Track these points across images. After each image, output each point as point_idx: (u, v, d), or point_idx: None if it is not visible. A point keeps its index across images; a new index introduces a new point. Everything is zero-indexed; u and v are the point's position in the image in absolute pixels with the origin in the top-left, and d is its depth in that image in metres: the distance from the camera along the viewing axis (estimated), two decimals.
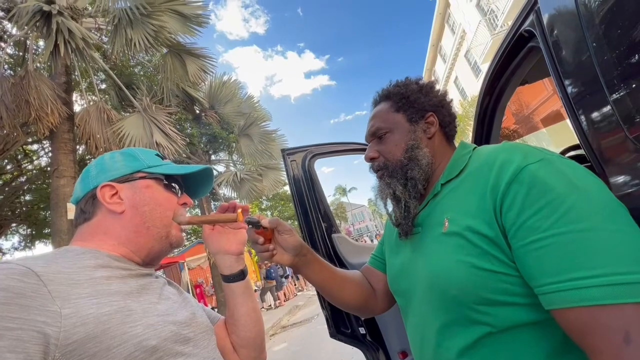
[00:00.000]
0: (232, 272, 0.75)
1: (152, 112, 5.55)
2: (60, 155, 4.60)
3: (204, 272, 11.56)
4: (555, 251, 0.44)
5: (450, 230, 0.57)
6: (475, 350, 0.53)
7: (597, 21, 0.70)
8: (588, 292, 0.41)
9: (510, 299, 0.50)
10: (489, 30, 14.19)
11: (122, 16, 4.72)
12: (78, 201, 0.64)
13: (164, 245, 0.65)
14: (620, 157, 0.75)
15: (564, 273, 0.43)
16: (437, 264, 0.58)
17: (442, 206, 0.64)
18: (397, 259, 0.76)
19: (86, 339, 0.45)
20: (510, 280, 0.50)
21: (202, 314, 0.71)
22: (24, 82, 4.37)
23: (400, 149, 0.71)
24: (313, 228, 1.56)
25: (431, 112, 0.73)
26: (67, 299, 0.46)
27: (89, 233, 0.61)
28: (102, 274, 0.54)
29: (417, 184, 0.68)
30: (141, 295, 0.56)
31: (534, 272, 0.46)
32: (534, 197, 0.48)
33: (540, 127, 11.40)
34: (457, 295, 0.54)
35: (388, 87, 0.79)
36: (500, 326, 0.51)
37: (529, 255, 0.47)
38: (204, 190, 0.79)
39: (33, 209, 8.21)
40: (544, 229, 0.46)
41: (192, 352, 0.57)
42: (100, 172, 0.64)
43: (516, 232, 0.48)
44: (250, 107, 8.52)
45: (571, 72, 0.81)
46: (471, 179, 0.60)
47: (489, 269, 0.51)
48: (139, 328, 0.50)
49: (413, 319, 0.67)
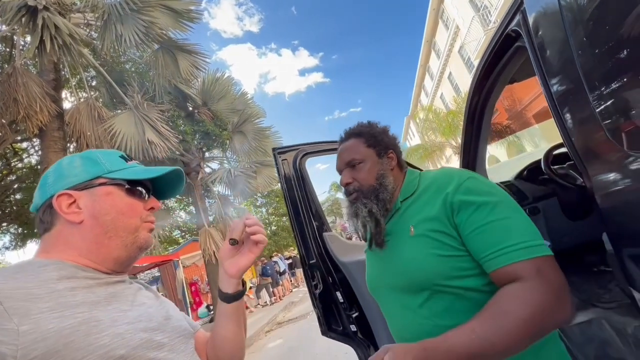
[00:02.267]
0: (223, 291, 0.73)
1: (143, 110, 5.49)
2: (50, 153, 4.53)
3: (199, 270, 11.52)
4: (489, 232, 0.69)
5: (417, 233, 0.78)
6: (448, 310, 0.74)
7: (580, 22, 0.71)
8: (513, 254, 0.66)
9: (465, 273, 0.73)
10: (482, 26, 14.23)
11: (112, 11, 4.64)
12: (37, 210, 0.61)
13: (131, 251, 0.62)
14: (601, 156, 0.76)
15: (496, 245, 0.68)
16: (414, 258, 0.77)
17: (405, 218, 0.84)
18: (372, 267, 0.94)
19: (47, 354, 0.44)
20: (463, 259, 0.73)
21: (180, 318, 0.70)
22: (11, 79, 4.28)
23: (373, 176, 0.89)
24: (304, 227, 1.57)
25: (391, 150, 0.94)
26: (26, 315, 0.45)
27: (50, 244, 0.58)
28: (66, 285, 0.52)
29: (385, 204, 0.87)
30: (110, 304, 0.55)
31: (480, 248, 0.70)
32: (471, 201, 0.73)
33: (533, 123, 11.43)
34: (431, 277, 0.74)
35: (358, 126, 0.97)
36: (460, 292, 0.73)
37: (474, 238, 0.71)
38: (175, 191, 0.75)
39: (24, 208, 8.08)
40: (481, 220, 0.70)
41: (167, 357, 0.57)
42: (57, 179, 0.61)
43: (464, 225, 0.72)
44: (243, 103, 8.44)
45: (555, 72, 0.82)
46: (424, 196, 0.82)
47: (449, 255, 0.73)
48: (106, 338, 0.49)
49: (391, 306, 0.84)
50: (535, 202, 1.66)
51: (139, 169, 0.67)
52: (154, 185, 0.71)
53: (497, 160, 14.55)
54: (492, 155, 14.82)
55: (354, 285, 1.50)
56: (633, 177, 0.68)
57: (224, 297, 0.72)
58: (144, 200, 0.67)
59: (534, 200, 1.67)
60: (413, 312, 0.78)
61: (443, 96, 22.48)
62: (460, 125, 13.09)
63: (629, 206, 0.72)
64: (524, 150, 13.16)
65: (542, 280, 0.63)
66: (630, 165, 0.67)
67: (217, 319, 0.74)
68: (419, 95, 28.58)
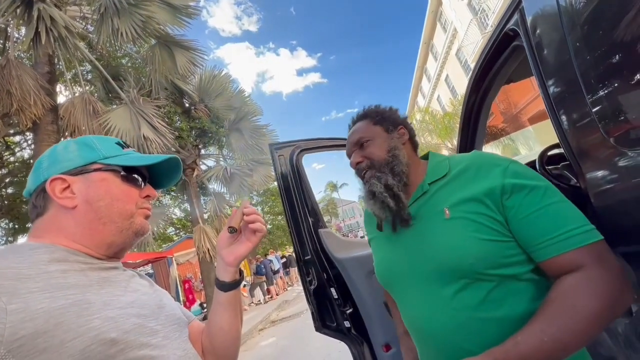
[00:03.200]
0: (220, 279, 0.73)
1: (139, 105, 5.44)
2: (43, 147, 4.47)
3: (192, 267, 11.46)
4: (545, 217, 0.65)
5: (454, 216, 0.71)
6: (484, 301, 0.67)
7: (578, 23, 0.71)
8: (571, 240, 0.62)
9: (508, 260, 0.67)
10: (479, 29, 14.33)
11: (109, 5, 4.59)
12: (30, 194, 0.60)
13: (126, 237, 0.62)
14: (597, 156, 0.77)
15: (554, 231, 0.63)
16: (451, 243, 0.70)
17: (435, 200, 0.77)
18: (388, 254, 0.85)
19: (35, 334, 0.43)
20: (508, 246, 0.67)
21: (175, 307, 0.70)
22: (4, 71, 4.22)
23: (384, 150, 0.84)
24: (300, 223, 1.57)
25: (402, 125, 0.90)
26: (14, 294, 0.44)
27: (42, 229, 0.58)
28: (58, 267, 0.51)
29: (402, 177, 0.81)
30: (103, 288, 0.54)
31: (535, 234, 0.65)
32: (523, 184, 0.68)
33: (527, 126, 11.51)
34: (473, 264, 0.67)
35: (363, 110, 0.95)
36: (498, 280, 0.67)
37: (529, 223, 0.66)
38: (171, 181, 0.74)
39: (15, 202, 7.98)
40: (536, 204, 0.66)
41: (161, 344, 0.56)
42: (52, 164, 0.60)
43: (518, 208, 0.67)
44: (240, 101, 8.40)
45: (552, 72, 0.83)
46: (460, 178, 0.76)
47: (493, 239, 0.67)
48: (97, 321, 0.49)
49: (413, 296, 0.77)
50: None
51: (135, 156, 0.66)
52: (151, 174, 0.70)
53: None
54: None
55: (349, 281, 1.50)
56: (627, 176, 0.69)
57: (220, 285, 0.72)
58: (140, 188, 0.66)
59: None
60: (443, 302, 0.70)
61: (440, 98, 22.60)
62: (456, 128, 13.16)
63: (623, 205, 0.73)
64: (518, 153, 13.27)
65: (605, 268, 0.60)
66: (625, 164, 0.68)
67: (214, 308, 0.74)
68: (416, 97, 28.71)
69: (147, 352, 0.53)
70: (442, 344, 0.71)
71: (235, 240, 0.74)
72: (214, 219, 7.68)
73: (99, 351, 0.47)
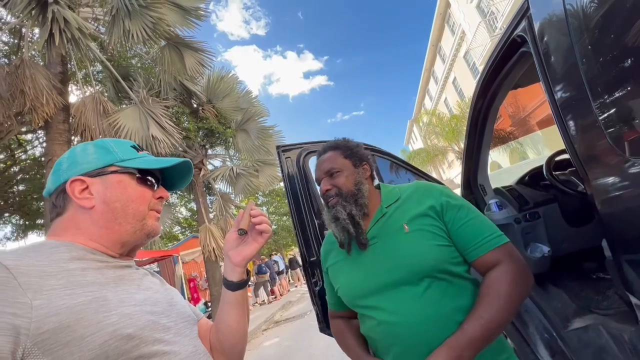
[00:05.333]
0: (228, 279, 0.75)
1: (148, 105, 5.51)
2: (54, 145, 4.56)
3: (198, 266, 11.54)
4: (471, 227, 0.87)
5: (413, 229, 0.89)
6: (445, 295, 0.84)
7: (585, 30, 0.72)
8: (490, 243, 0.84)
9: (454, 260, 0.87)
10: (488, 32, 14.23)
11: (121, 7, 4.67)
12: (50, 195, 0.63)
13: (139, 237, 0.64)
14: (603, 162, 0.77)
15: (477, 237, 0.86)
16: (416, 250, 0.86)
17: (394, 219, 0.94)
18: (355, 271, 0.96)
19: (59, 328, 0.45)
20: (452, 249, 0.87)
21: (184, 304, 0.72)
22: (19, 71, 4.31)
23: (351, 183, 0.98)
24: (306, 224, 1.58)
25: (365, 162, 1.03)
26: (38, 291, 0.46)
27: (61, 228, 0.60)
28: (77, 265, 0.54)
29: (363, 208, 0.96)
30: (118, 286, 0.56)
31: (466, 240, 0.86)
32: (454, 204, 0.91)
33: (536, 130, 11.35)
34: (434, 265, 0.84)
35: (334, 141, 1.07)
36: (452, 278, 0.86)
37: (461, 232, 0.87)
38: (183, 183, 0.78)
39: (26, 199, 8.13)
40: (464, 218, 0.88)
41: (173, 340, 0.58)
42: (71, 165, 0.63)
43: (453, 221, 0.88)
44: (248, 102, 8.46)
45: (559, 78, 0.83)
46: (410, 201, 0.95)
47: (444, 245, 0.87)
48: (114, 317, 0.51)
49: (387, 302, 0.88)
50: (535, 207, 1.67)
51: (150, 159, 0.69)
52: (163, 176, 0.73)
53: (499, 166, 14.52)
54: (494, 162, 14.79)
55: None
56: (634, 184, 0.69)
57: (228, 285, 0.75)
58: (153, 189, 0.69)
59: (534, 205, 1.67)
60: (417, 300, 0.84)
61: (447, 101, 22.46)
62: (463, 130, 13.08)
63: (629, 213, 0.73)
64: (526, 157, 13.11)
65: (515, 262, 0.82)
66: (632, 171, 0.68)
67: (222, 307, 0.76)
68: (423, 99, 28.56)
69: (160, 347, 0.55)
70: (411, 339, 0.83)
71: (242, 242, 0.76)
72: (220, 219, 7.72)
73: (116, 346, 0.49)
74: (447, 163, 23.15)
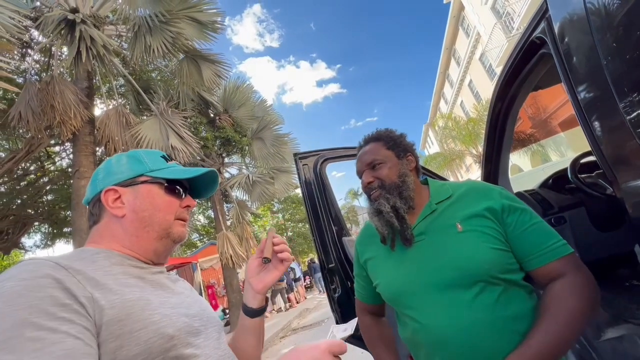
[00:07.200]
0: (248, 306, 0.77)
1: (168, 116, 5.70)
2: (81, 157, 4.78)
3: (216, 273, 11.70)
4: (535, 233, 0.80)
5: (466, 229, 0.82)
6: (498, 301, 0.78)
7: (608, 28, 0.70)
8: (556, 252, 0.78)
9: (510, 267, 0.80)
10: (504, 33, 13.97)
11: (142, 23, 4.89)
12: (88, 203, 0.67)
13: (166, 243, 0.67)
14: (632, 164, 0.75)
15: (542, 244, 0.79)
16: (469, 251, 0.80)
17: (445, 217, 0.87)
18: (398, 269, 0.89)
19: (113, 321, 0.48)
20: (509, 255, 0.81)
21: (212, 310, 0.73)
22: (49, 87, 4.57)
23: (395, 174, 0.92)
24: (324, 231, 1.59)
25: (410, 153, 0.97)
26: (95, 286, 0.50)
27: (98, 235, 0.64)
28: (119, 270, 0.57)
29: (408, 202, 0.89)
30: (156, 290, 0.59)
31: (529, 246, 0.80)
32: (516, 206, 0.84)
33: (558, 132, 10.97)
34: (488, 268, 0.78)
35: (376, 132, 1.02)
36: (506, 285, 0.79)
37: (524, 238, 0.80)
38: (209, 192, 0.80)
39: (54, 208, 8.50)
40: (527, 222, 0.81)
41: (203, 344, 0.59)
42: (106, 176, 0.66)
43: (515, 225, 0.81)
44: (263, 110, 8.61)
45: (582, 79, 0.81)
46: (464, 199, 0.88)
47: (500, 249, 0.80)
48: (157, 316, 0.53)
49: (432, 304, 0.82)
50: (561, 212, 1.61)
51: (178, 169, 0.71)
52: (190, 184, 0.76)
53: (520, 169, 14.08)
54: (515, 165, 14.36)
55: None
56: None
57: (247, 311, 0.76)
58: (181, 198, 0.71)
59: (559, 209, 1.62)
60: (466, 306, 0.78)
61: (463, 104, 22.09)
62: (481, 133, 12.81)
63: None
64: (548, 160, 12.67)
65: (583, 274, 0.76)
66: None
67: (238, 331, 0.77)
68: (438, 103, 28.22)
69: (192, 350, 0.56)
70: (461, 345, 0.77)
71: (264, 269, 0.78)
72: (237, 226, 7.83)
73: (159, 344, 0.51)
74: (464, 167, 22.66)
